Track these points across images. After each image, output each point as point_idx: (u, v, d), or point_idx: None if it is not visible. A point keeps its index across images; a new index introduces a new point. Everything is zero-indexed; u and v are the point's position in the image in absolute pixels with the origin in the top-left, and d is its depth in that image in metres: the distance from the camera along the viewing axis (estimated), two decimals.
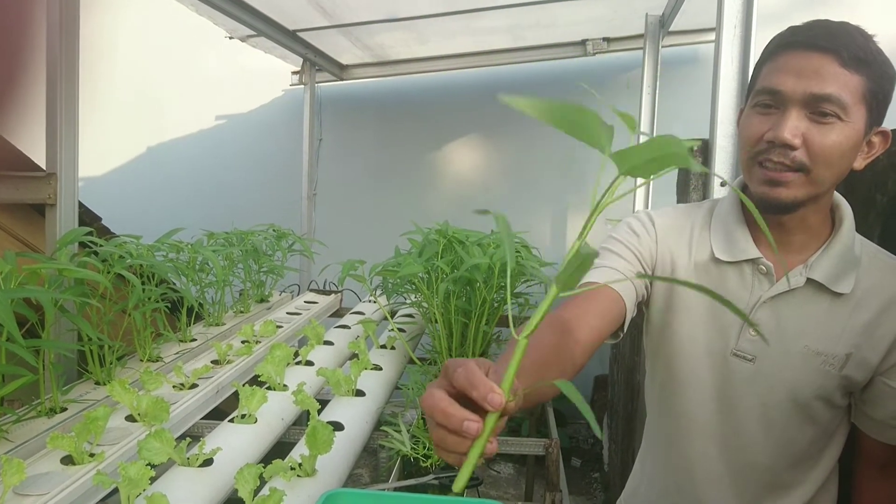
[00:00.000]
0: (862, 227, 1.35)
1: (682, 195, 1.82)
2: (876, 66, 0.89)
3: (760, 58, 0.99)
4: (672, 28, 3.16)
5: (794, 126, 0.90)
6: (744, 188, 1.03)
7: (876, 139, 0.95)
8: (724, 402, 1.07)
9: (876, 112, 0.92)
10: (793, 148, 0.90)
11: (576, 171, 4.13)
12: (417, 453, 1.38)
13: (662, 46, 3.20)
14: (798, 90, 0.89)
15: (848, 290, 0.97)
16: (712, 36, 3.35)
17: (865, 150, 0.94)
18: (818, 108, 0.89)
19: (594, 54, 3.69)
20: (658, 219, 1.13)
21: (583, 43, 3.67)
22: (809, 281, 0.99)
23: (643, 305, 1.14)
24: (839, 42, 0.88)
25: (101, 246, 1.64)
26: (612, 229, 1.15)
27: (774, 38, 0.97)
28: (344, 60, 4.02)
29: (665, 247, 1.11)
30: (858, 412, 1.03)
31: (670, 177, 2.05)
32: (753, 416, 1.04)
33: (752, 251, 1.02)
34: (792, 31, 0.94)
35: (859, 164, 0.95)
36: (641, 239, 1.11)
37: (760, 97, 0.95)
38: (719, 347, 1.06)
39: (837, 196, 1.02)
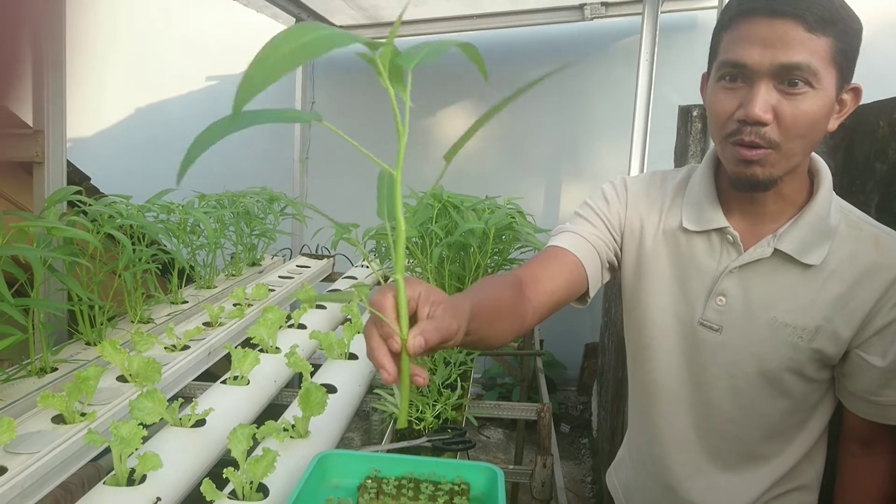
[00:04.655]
0: (860, 196, 1.35)
1: (681, 162, 1.81)
2: (842, 24, 0.84)
3: (719, 23, 0.93)
4: None
5: (763, 101, 0.85)
6: (717, 158, 1.02)
7: (847, 97, 0.90)
8: (693, 372, 1.06)
9: (845, 70, 0.87)
10: (764, 124, 0.86)
11: (570, 138, 4.10)
12: (410, 416, 1.38)
13: (662, 12, 3.15)
14: (765, 62, 0.84)
15: (818, 261, 0.94)
16: (712, 2, 3.31)
17: (837, 108, 0.90)
18: (787, 78, 0.84)
19: (592, 19, 3.63)
20: (632, 184, 1.12)
21: (581, 7, 3.61)
22: (777, 251, 0.96)
23: (617, 270, 1.14)
24: (803, 4, 0.82)
25: (90, 205, 1.62)
26: (589, 195, 1.14)
27: (732, 1, 0.91)
28: (337, 21, 3.94)
29: (635, 212, 1.10)
30: (839, 386, 1.02)
31: (668, 143, 2.03)
32: (722, 387, 1.03)
33: (720, 220, 1.00)
34: None
35: (832, 125, 0.90)
36: (611, 205, 1.10)
37: (725, 70, 0.90)
38: (687, 316, 1.05)
39: (818, 161, 0.99)
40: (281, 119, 0.50)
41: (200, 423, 1.24)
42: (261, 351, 1.60)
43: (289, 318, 1.90)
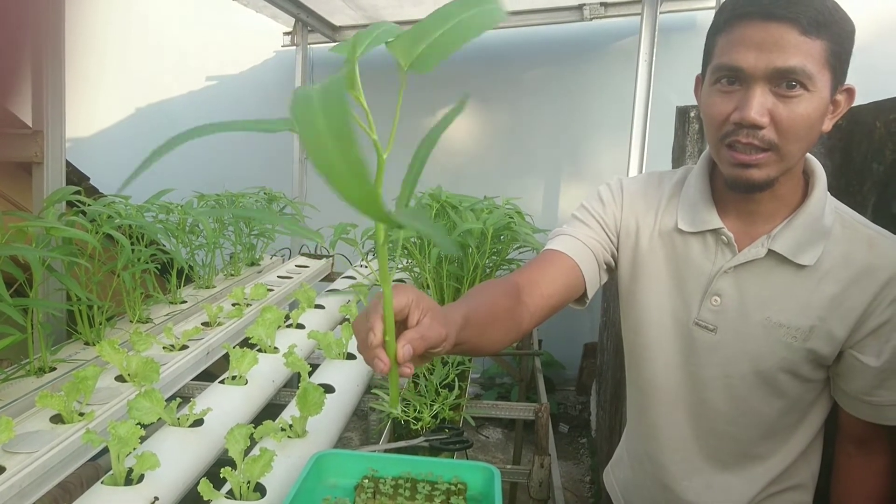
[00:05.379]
0: (857, 197, 1.35)
1: (679, 162, 1.81)
2: (835, 27, 0.85)
3: (713, 26, 0.93)
4: None
5: (759, 104, 0.86)
6: (712, 159, 1.02)
7: (840, 97, 0.91)
8: (689, 371, 1.06)
9: (839, 72, 0.88)
10: (760, 127, 0.86)
11: (569, 138, 4.10)
12: (408, 416, 1.39)
13: (660, 12, 3.15)
14: (760, 66, 0.85)
15: (812, 261, 0.95)
16: (712, 2, 3.31)
17: (832, 109, 0.91)
18: (783, 81, 0.85)
19: (591, 19, 3.63)
20: (628, 185, 1.13)
21: (580, 7, 3.61)
22: (772, 252, 0.97)
23: (614, 271, 1.14)
24: (797, 8, 0.83)
25: (89, 205, 1.62)
26: (586, 197, 1.15)
27: (726, 3, 0.91)
28: (336, 21, 3.95)
29: (631, 213, 1.10)
30: (834, 386, 1.02)
31: (667, 143, 2.03)
32: (717, 387, 1.04)
33: (715, 221, 1.00)
34: None
35: (827, 126, 0.91)
36: (607, 207, 1.11)
37: (721, 74, 0.90)
38: (683, 316, 1.05)
39: (812, 161, 0.99)
40: (253, 128, 0.46)
41: (198, 422, 1.25)
42: (259, 351, 1.60)
43: (287, 317, 1.90)
